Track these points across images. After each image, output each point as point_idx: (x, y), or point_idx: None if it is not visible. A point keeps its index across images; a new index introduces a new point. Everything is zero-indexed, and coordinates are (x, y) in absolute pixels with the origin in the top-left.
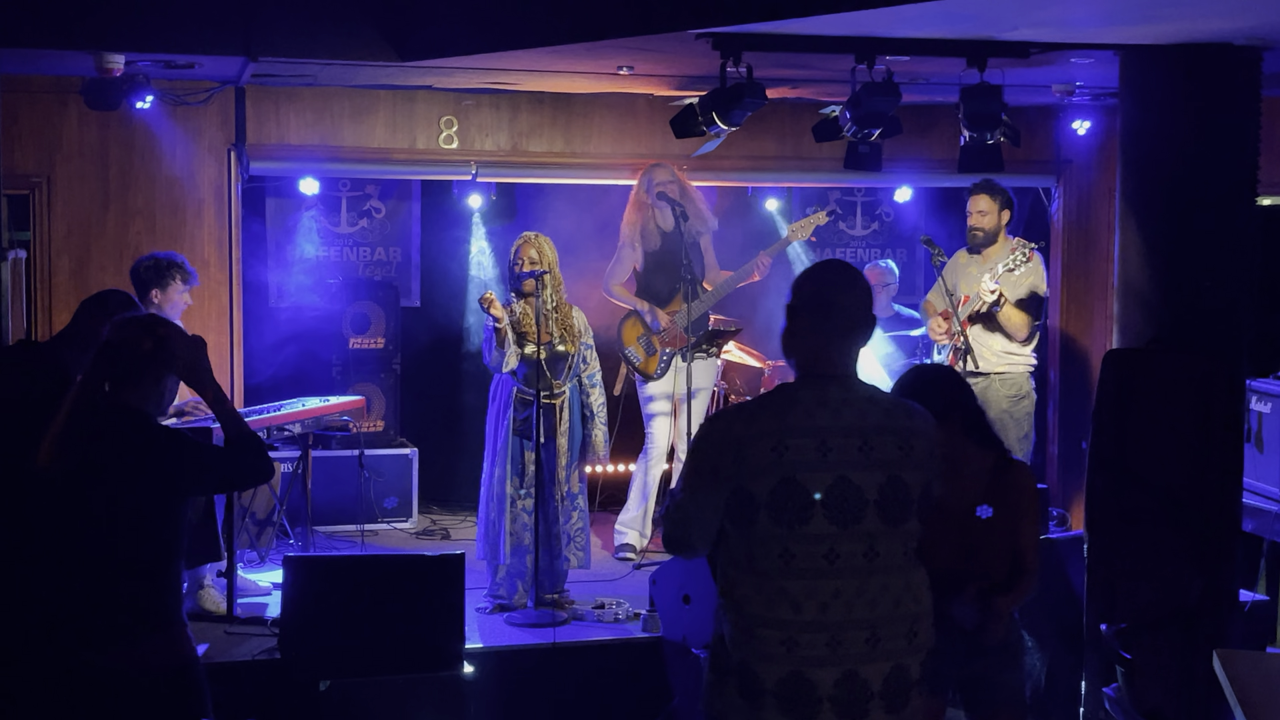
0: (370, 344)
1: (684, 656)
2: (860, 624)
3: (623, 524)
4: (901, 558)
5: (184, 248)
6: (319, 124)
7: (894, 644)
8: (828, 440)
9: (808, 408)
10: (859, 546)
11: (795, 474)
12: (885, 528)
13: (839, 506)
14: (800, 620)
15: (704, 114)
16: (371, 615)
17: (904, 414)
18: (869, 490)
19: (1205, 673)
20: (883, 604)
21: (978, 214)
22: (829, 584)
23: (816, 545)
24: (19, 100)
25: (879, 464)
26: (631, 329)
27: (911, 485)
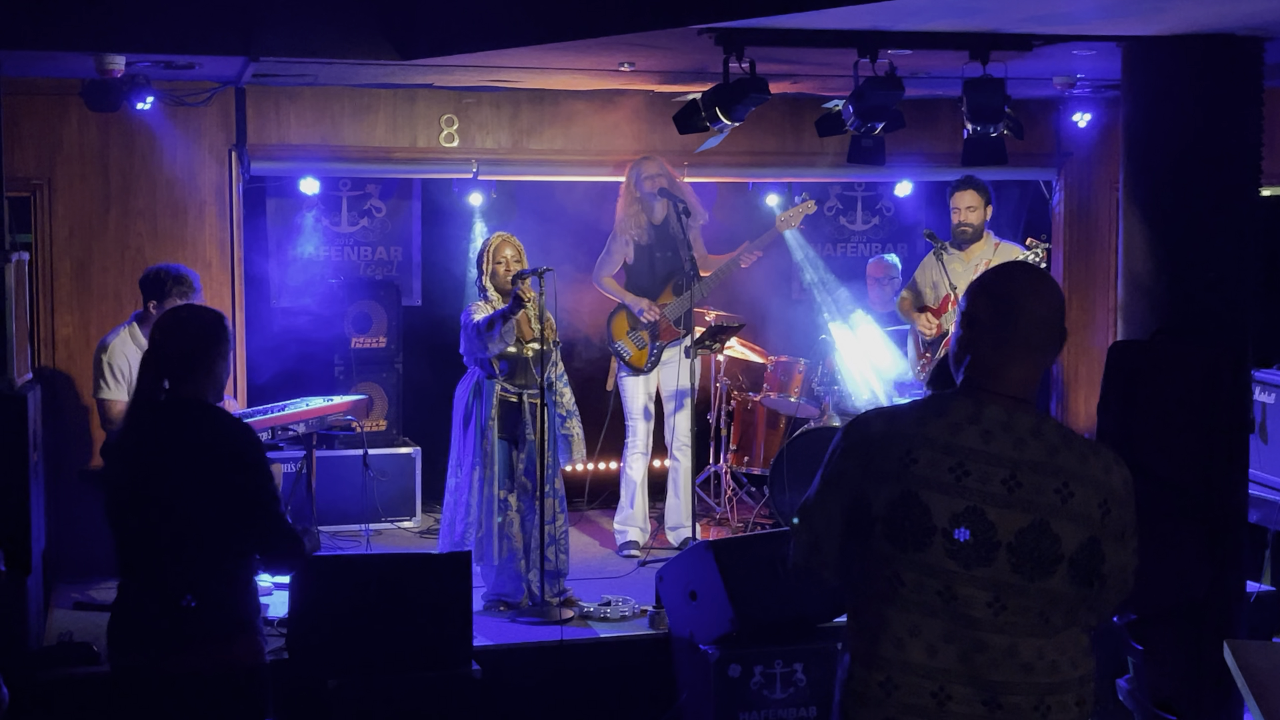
0: (372, 343)
1: (691, 653)
2: (980, 683)
3: (621, 522)
4: (1037, 620)
5: (186, 248)
6: (319, 123)
7: (1018, 715)
8: (966, 462)
9: (954, 421)
10: (983, 594)
11: (919, 489)
12: (1017, 580)
13: (964, 542)
14: (902, 659)
15: (707, 109)
16: (379, 614)
17: (1077, 456)
18: (1003, 531)
19: (1215, 663)
20: (1011, 668)
21: (966, 209)
22: (941, 626)
23: (931, 578)
24: (19, 102)
25: (1023, 505)
26: (620, 323)
27: (1063, 538)
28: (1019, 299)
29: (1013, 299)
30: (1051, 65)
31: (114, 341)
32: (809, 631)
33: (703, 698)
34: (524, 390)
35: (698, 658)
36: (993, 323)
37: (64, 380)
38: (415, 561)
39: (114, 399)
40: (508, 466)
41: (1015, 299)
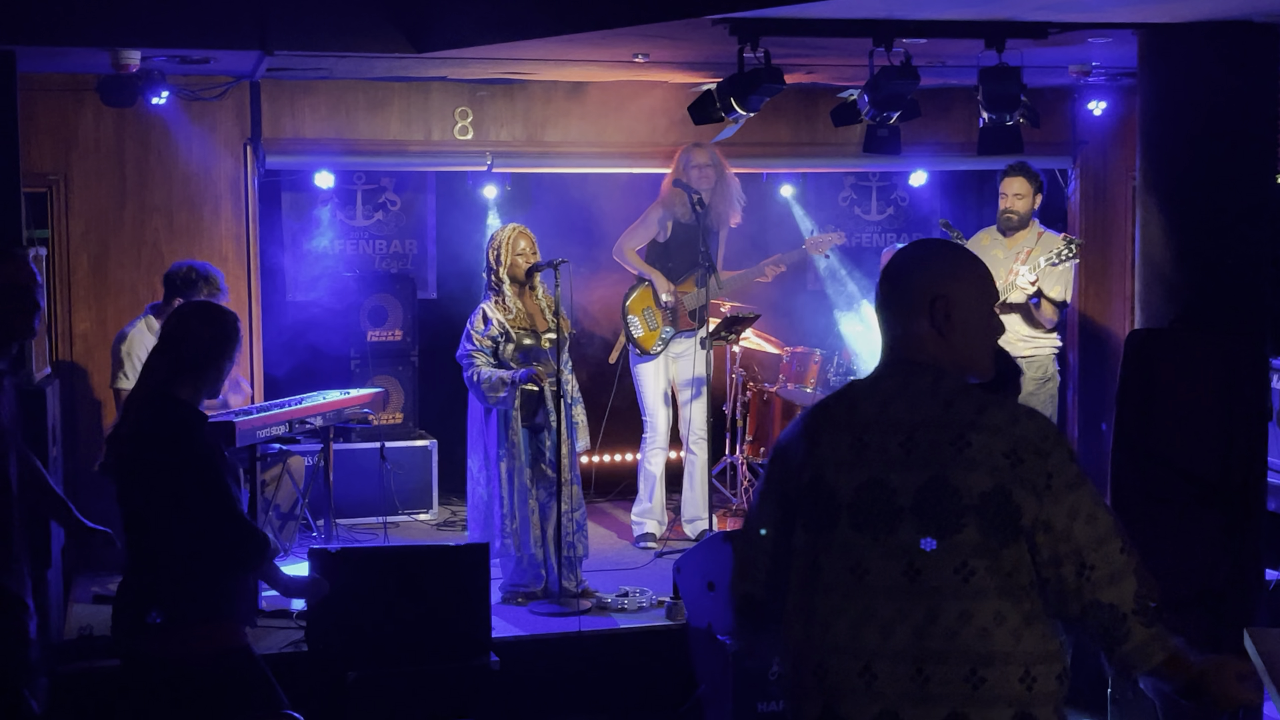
0: (388, 336)
1: (709, 644)
2: (902, 655)
3: (638, 515)
4: (952, 577)
5: (202, 243)
6: (334, 117)
7: (955, 687)
8: (865, 435)
9: (852, 398)
10: (896, 563)
11: (824, 470)
12: (926, 539)
13: (864, 511)
14: (829, 644)
15: (722, 100)
16: (398, 606)
17: (974, 407)
18: (903, 494)
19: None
20: (935, 635)
21: (1014, 196)
22: (859, 603)
23: (844, 556)
24: (35, 98)
25: (920, 463)
26: (640, 299)
27: (963, 490)
28: (888, 270)
29: (886, 272)
30: (1067, 53)
31: (132, 332)
32: None
33: (721, 688)
34: (545, 381)
35: (716, 648)
36: (881, 298)
37: (81, 375)
38: (434, 553)
39: (129, 389)
40: (532, 455)
41: (887, 272)
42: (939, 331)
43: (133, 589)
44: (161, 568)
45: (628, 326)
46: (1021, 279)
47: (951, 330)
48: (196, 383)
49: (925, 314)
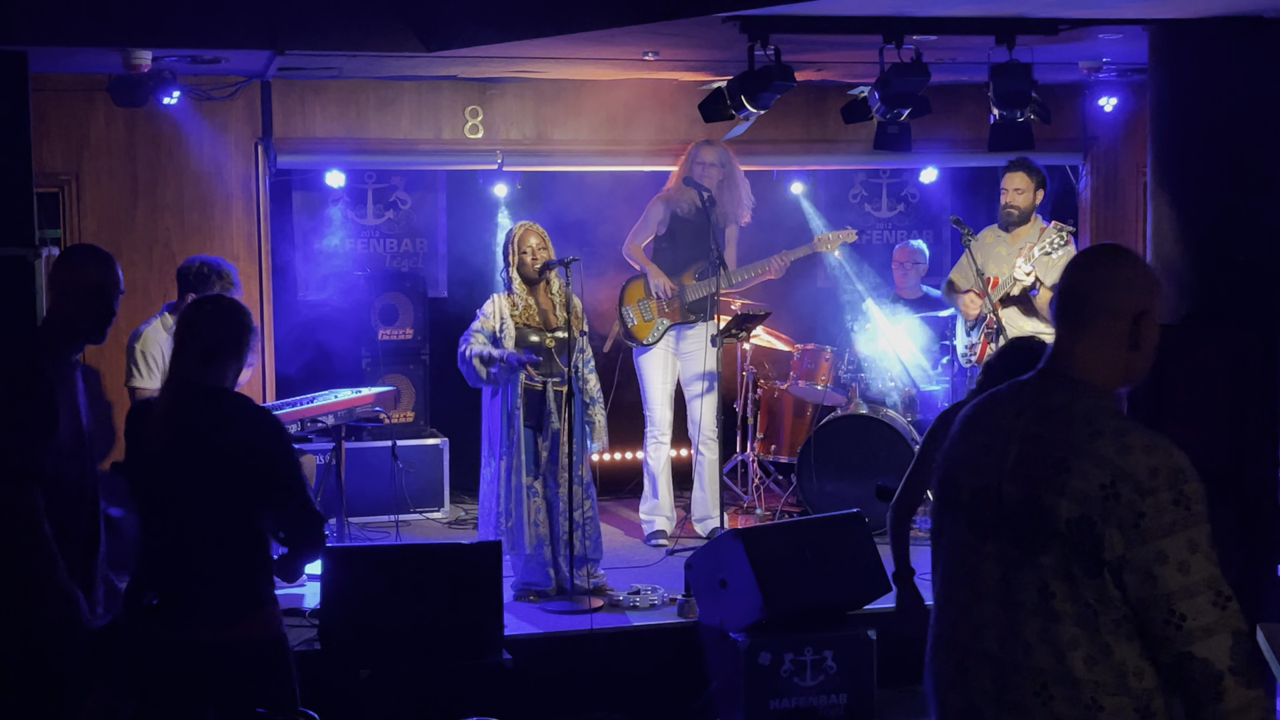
0: (399, 335)
1: (721, 641)
2: (988, 658)
3: (647, 512)
4: (1035, 595)
5: (214, 242)
6: (344, 116)
7: (1021, 697)
8: (994, 440)
9: (1001, 399)
10: (994, 568)
11: (954, 469)
12: (1017, 552)
13: (980, 513)
14: (939, 629)
15: (732, 98)
16: (410, 604)
17: (1089, 433)
18: (1009, 504)
19: None
20: (1014, 648)
21: (1014, 191)
22: (963, 597)
23: (958, 548)
24: (46, 98)
25: (1026, 477)
26: (634, 290)
27: (1052, 513)
28: (1065, 278)
29: (1083, 287)
30: (1077, 49)
31: (146, 331)
32: (839, 619)
33: (733, 685)
34: (548, 379)
35: (728, 646)
36: (1073, 312)
37: (93, 374)
38: (446, 552)
39: (145, 387)
40: (534, 454)
41: (1064, 279)
42: (1134, 346)
43: (190, 577)
44: (233, 554)
45: (622, 318)
46: (1019, 271)
47: (1143, 344)
48: (225, 371)
49: (1126, 331)
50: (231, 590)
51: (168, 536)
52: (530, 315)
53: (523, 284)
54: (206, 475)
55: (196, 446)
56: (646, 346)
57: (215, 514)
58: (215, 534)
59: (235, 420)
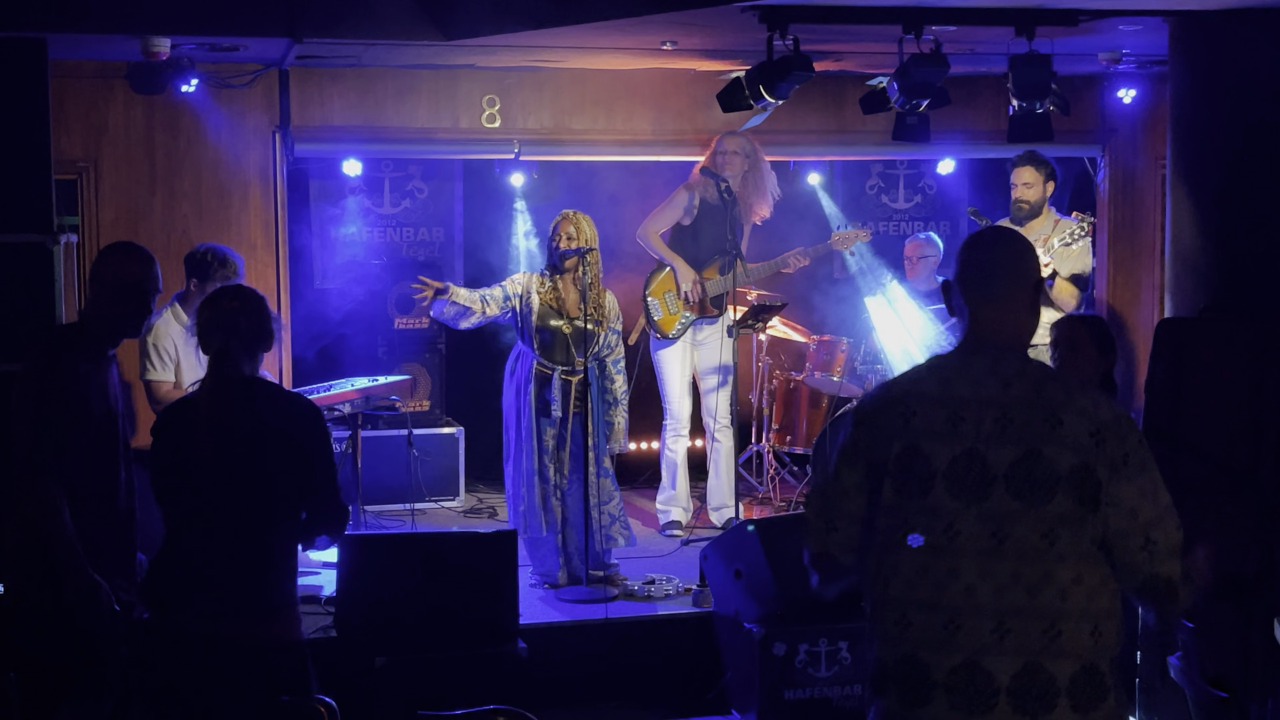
0: (415, 324)
1: (736, 631)
2: (984, 611)
3: (663, 503)
4: (1039, 542)
5: (231, 230)
6: (362, 105)
7: (1034, 640)
8: (960, 411)
9: (945, 376)
10: (985, 527)
11: (919, 441)
12: (1018, 506)
13: (960, 479)
14: (913, 597)
15: (751, 88)
16: (426, 592)
17: (1063, 391)
18: (997, 465)
19: (1266, 640)
20: (1014, 593)
21: (1023, 186)
22: (946, 562)
23: (936, 519)
24: (65, 85)
25: (1016, 439)
26: (662, 284)
27: (1056, 461)
28: (991, 260)
29: (987, 262)
30: (1097, 41)
31: (158, 322)
32: (854, 610)
33: (748, 675)
34: (558, 367)
35: (742, 636)
36: (982, 285)
37: None
38: (461, 540)
39: (161, 379)
40: (545, 443)
41: (989, 261)
42: (1033, 313)
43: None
44: (273, 552)
45: (648, 309)
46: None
47: (1039, 308)
48: (256, 361)
49: (1029, 299)
50: (267, 588)
51: (208, 531)
52: (553, 299)
53: (552, 269)
54: (259, 468)
55: (250, 440)
56: (670, 340)
57: (263, 508)
58: (259, 530)
59: (285, 411)
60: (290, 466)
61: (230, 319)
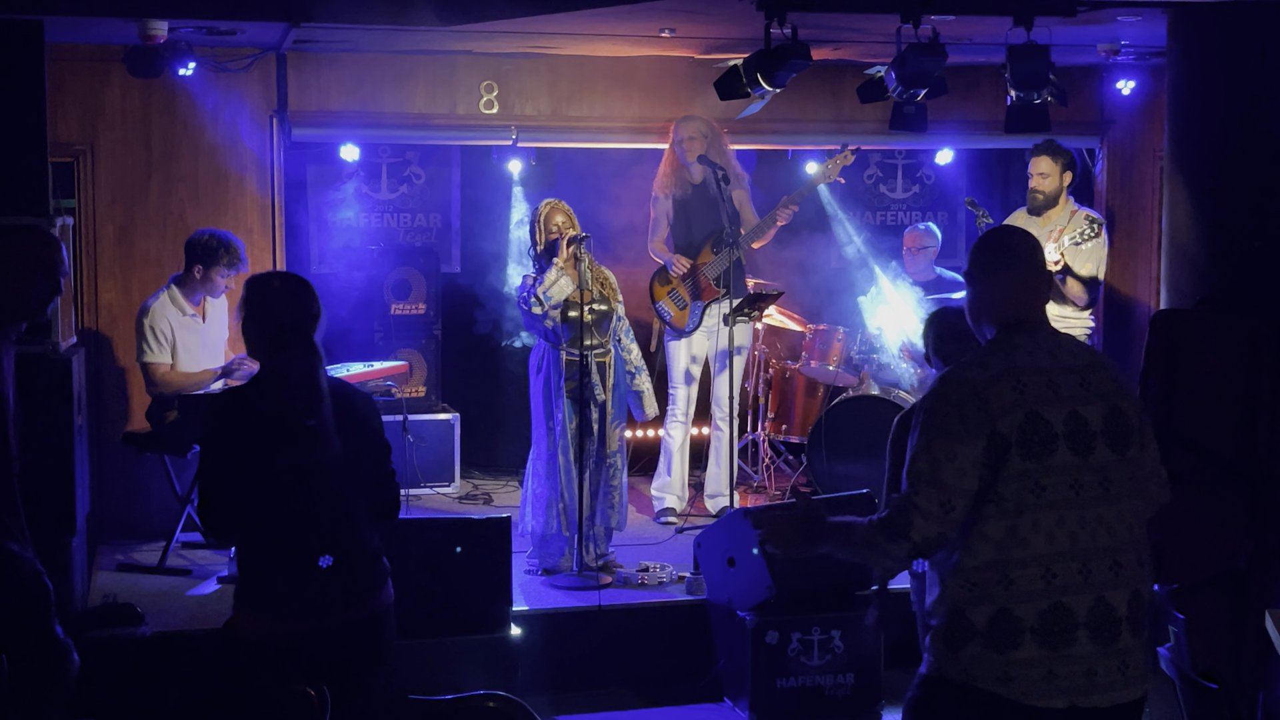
0: (411, 310)
1: (729, 619)
2: (1104, 551)
3: (658, 489)
4: (1130, 485)
5: (228, 214)
6: (360, 90)
7: (1132, 570)
8: (1054, 377)
9: (1028, 350)
10: (1095, 476)
11: (1039, 409)
12: (1115, 456)
13: (1074, 437)
14: (1054, 550)
15: (748, 76)
16: (419, 578)
17: (1091, 351)
18: (1094, 421)
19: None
20: (1121, 531)
21: (1039, 175)
22: (1076, 513)
23: (1063, 476)
24: (62, 68)
25: (1099, 396)
26: (661, 284)
27: (1129, 413)
28: (1022, 251)
29: (1021, 252)
30: (1096, 31)
31: (154, 305)
32: (847, 599)
33: (740, 663)
34: (589, 352)
35: (735, 624)
36: (997, 269)
37: (106, 344)
38: (456, 526)
39: (158, 361)
40: (575, 432)
41: (1021, 252)
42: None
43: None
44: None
45: (660, 313)
46: (1046, 256)
47: None
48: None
49: (1048, 281)
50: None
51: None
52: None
53: (549, 258)
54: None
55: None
56: (688, 333)
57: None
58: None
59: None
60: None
61: (302, 308)
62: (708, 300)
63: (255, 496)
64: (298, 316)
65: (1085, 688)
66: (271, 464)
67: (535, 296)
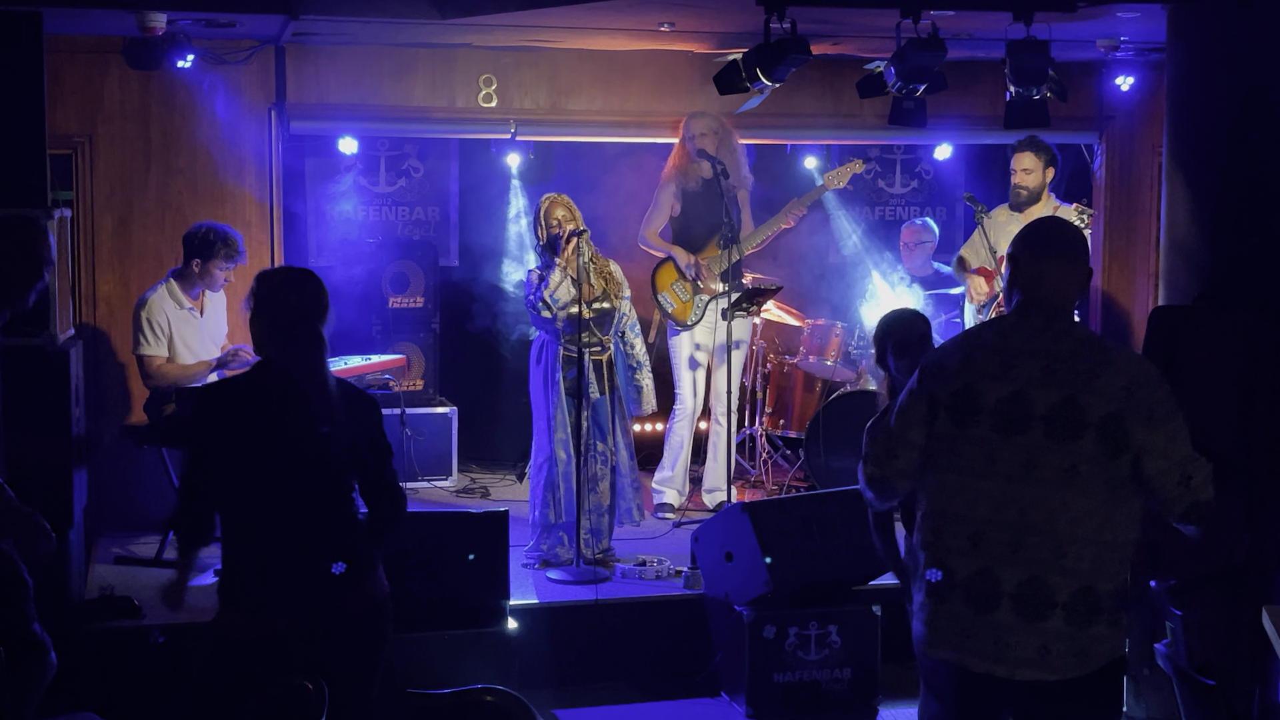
0: (409, 303)
1: (726, 614)
2: (1005, 526)
3: (659, 483)
4: (1061, 474)
5: (226, 207)
6: (358, 83)
7: (1036, 554)
8: (1013, 357)
9: (1003, 330)
10: (1020, 456)
11: (974, 381)
12: (1050, 443)
13: (1005, 415)
14: (978, 516)
15: (748, 70)
16: (416, 572)
17: (1102, 349)
18: (1039, 406)
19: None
20: (1032, 514)
21: (1022, 172)
22: (990, 484)
23: (979, 446)
24: (60, 60)
25: (1058, 385)
26: (665, 275)
27: (1088, 410)
28: (1066, 238)
29: (1065, 239)
30: (1095, 27)
31: (152, 298)
32: (844, 594)
33: (737, 658)
34: (586, 349)
35: (732, 618)
36: (1029, 255)
37: (104, 337)
38: (453, 520)
39: (154, 354)
40: (573, 426)
41: (1066, 238)
42: (1079, 288)
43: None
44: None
45: (661, 305)
46: None
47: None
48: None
49: (1080, 273)
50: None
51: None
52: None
53: (551, 252)
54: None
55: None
56: (690, 327)
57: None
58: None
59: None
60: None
61: (321, 307)
62: (710, 296)
63: (244, 489)
64: (308, 310)
65: (958, 645)
66: (265, 458)
67: (544, 301)
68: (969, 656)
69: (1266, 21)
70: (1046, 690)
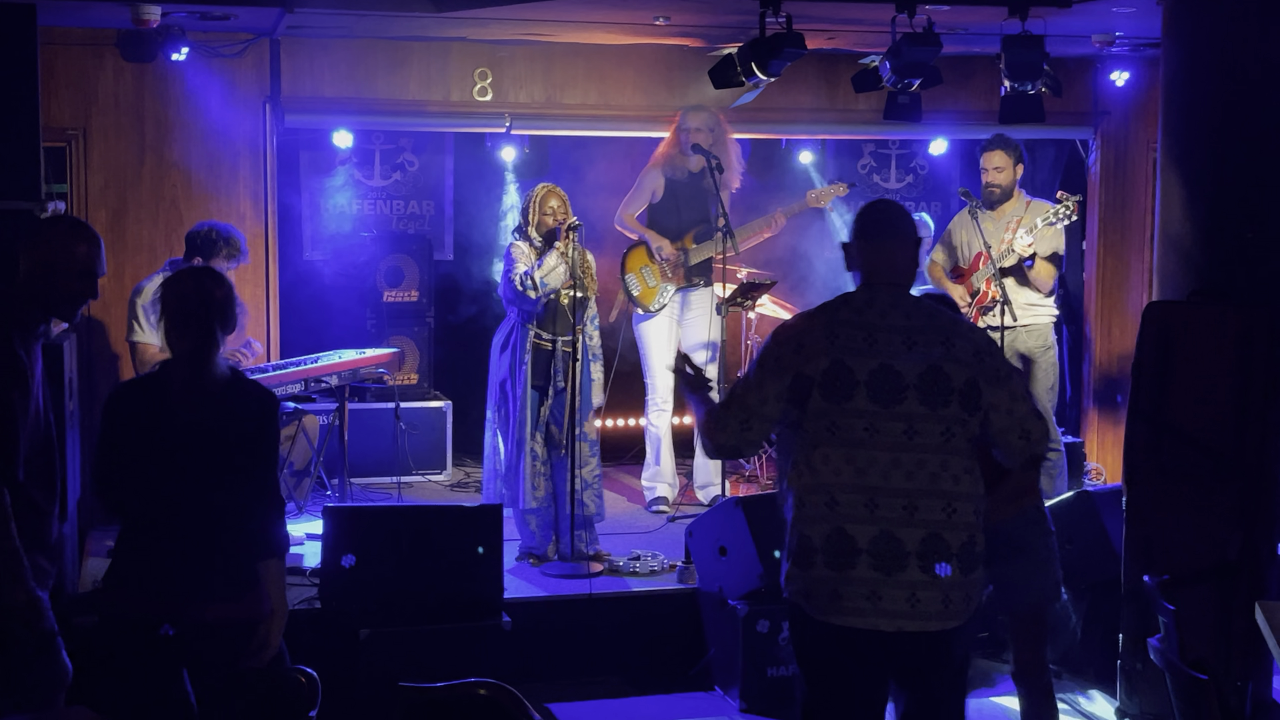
0: (404, 297)
1: (720, 608)
2: (896, 492)
3: (649, 479)
4: (939, 439)
5: (220, 200)
6: (353, 76)
7: (930, 515)
8: (874, 334)
9: (858, 307)
10: (899, 424)
11: (843, 358)
12: (924, 410)
13: (879, 387)
14: (839, 482)
15: (743, 64)
16: (411, 565)
17: (948, 321)
18: (908, 376)
19: (1246, 623)
20: (919, 478)
21: (994, 170)
22: (866, 453)
23: (859, 418)
24: (55, 52)
25: (920, 356)
26: (635, 258)
27: (952, 376)
28: (892, 219)
29: (891, 220)
30: (1090, 22)
31: (148, 286)
32: None
33: (731, 652)
34: (558, 338)
35: (726, 613)
36: (868, 236)
37: (98, 329)
38: (447, 513)
39: (147, 342)
40: (536, 414)
41: (891, 220)
42: (914, 262)
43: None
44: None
45: (626, 286)
46: (1019, 242)
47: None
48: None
49: (913, 250)
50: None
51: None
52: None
53: (545, 242)
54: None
55: (223, 422)
56: (652, 313)
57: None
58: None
59: (248, 394)
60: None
61: (217, 304)
62: (680, 287)
63: (136, 482)
64: (198, 308)
65: (867, 610)
66: (154, 454)
67: (532, 280)
68: (880, 618)
69: (1261, 16)
70: (941, 638)
